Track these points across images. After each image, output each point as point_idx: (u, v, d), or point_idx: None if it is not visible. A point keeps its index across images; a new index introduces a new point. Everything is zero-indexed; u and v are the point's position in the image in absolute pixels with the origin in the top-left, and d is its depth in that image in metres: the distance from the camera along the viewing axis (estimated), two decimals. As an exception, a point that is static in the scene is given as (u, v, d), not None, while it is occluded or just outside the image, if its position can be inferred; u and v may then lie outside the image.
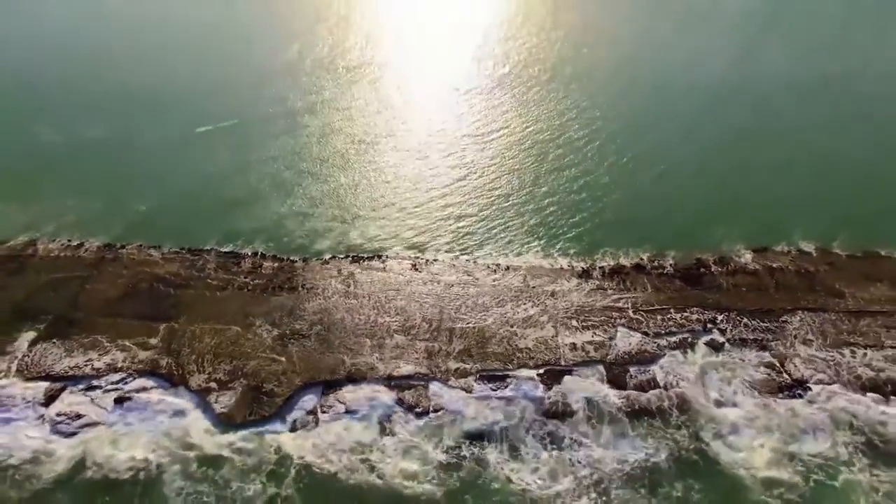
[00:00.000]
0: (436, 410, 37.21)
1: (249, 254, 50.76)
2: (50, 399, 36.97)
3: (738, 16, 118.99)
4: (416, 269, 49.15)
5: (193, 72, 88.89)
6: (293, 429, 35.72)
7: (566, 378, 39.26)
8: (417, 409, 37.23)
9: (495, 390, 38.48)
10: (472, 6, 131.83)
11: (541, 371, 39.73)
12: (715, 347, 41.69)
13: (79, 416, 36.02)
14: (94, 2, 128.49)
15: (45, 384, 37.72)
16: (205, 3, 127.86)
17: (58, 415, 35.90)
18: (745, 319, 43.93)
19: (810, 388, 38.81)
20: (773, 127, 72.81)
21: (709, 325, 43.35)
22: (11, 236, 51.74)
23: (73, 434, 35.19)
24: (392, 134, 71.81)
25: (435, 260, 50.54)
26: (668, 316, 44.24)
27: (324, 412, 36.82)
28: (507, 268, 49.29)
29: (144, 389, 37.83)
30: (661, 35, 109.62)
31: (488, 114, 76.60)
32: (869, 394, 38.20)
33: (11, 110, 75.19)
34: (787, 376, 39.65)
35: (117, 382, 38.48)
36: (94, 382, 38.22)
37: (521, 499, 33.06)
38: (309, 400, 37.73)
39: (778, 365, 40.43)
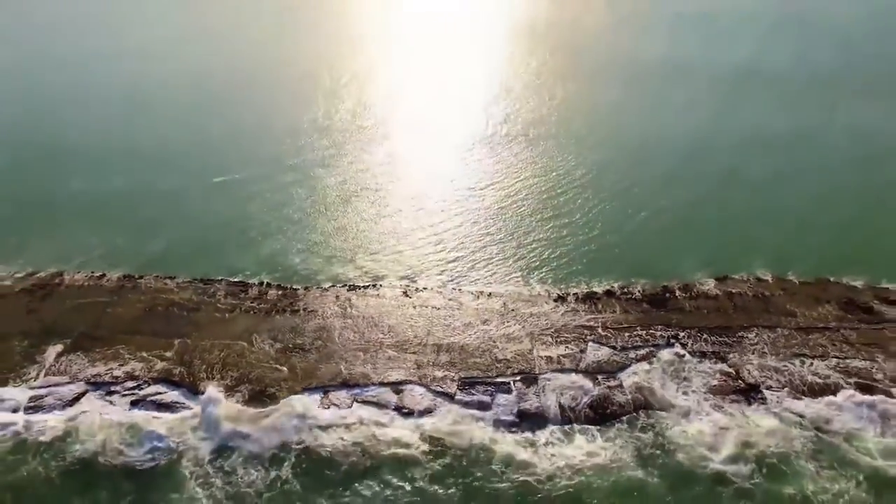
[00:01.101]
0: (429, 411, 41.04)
1: (256, 283, 55.93)
2: (73, 400, 40.95)
3: (713, 78, 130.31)
4: (407, 296, 54.13)
5: (213, 129, 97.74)
6: (293, 425, 39.46)
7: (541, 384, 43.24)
8: (405, 410, 41.10)
9: (474, 394, 42.41)
10: (471, 73, 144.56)
11: (517, 378, 43.79)
12: (677, 359, 45.84)
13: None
14: (120, 67, 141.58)
15: (72, 386, 41.79)
16: (226, 68, 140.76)
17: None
18: (705, 335, 48.35)
19: (763, 392, 42.68)
20: (738, 173, 79.91)
21: (672, 340, 47.73)
22: (41, 268, 57.16)
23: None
24: (393, 184, 78.62)
25: (424, 288, 55.58)
26: (635, 333, 48.72)
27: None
28: (490, 294, 54.23)
29: (158, 394, 41.81)
30: (643, 96, 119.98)
31: (484, 168, 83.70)
32: (815, 396, 42.02)
33: (47, 162, 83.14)
34: (741, 382, 43.63)
35: (133, 388, 42.54)
36: (113, 388, 42.25)
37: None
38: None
39: (734, 373, 44.51)
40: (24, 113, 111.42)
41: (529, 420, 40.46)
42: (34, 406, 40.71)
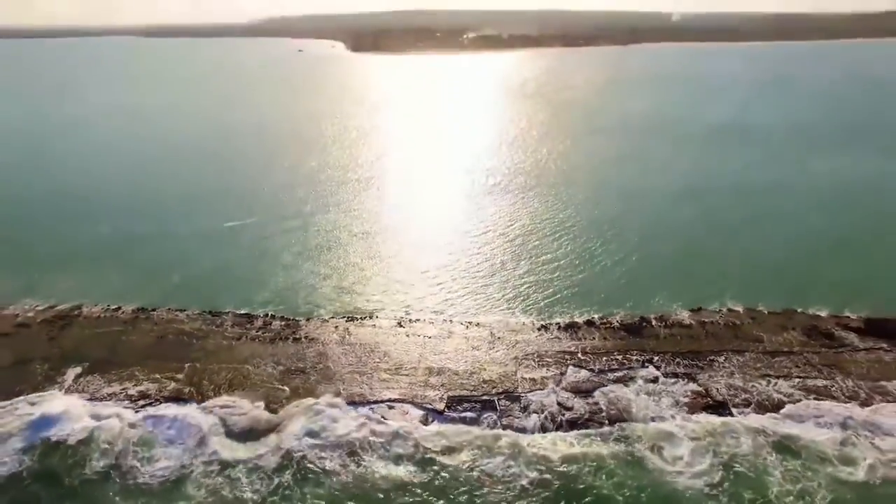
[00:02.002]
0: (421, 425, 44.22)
1: (261, 315, 60.00)
2: (92, 412, 44.30)
3: (695, 134, 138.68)
4: (401, 326, 58.07)
5: (225, 180, 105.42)
6: (293, 437, 42.59)
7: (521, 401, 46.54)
8: (396, 423, 44.25)
9: (461, 410, 45.70)
10: (465, 129, 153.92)
11: (501, 396, 47.14)
12: (651, 380, 49.27)
13: (114, 428, 43.15)
14: (143, 126, 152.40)
15: (90, 403, 45.22)
16: (238, 127, 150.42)
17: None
18: (678, 359, 51.90)
19: (730, 408, 45.87)
20: (715, 217, 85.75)
21: (646, 364, 51.24)
22: (62, 301, 61.55)
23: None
24: (390, 229, 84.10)
25: (418, 319, 59.58)
26: (612, 357, 52.31)
27: (318, 425, 43.94)
28: (478, 324, 58.17)
29: (169, 409, 45.18)
30: (628, 150, 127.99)
31: (478, 214, 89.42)
32: (777, 411, 45.21)
33: (75, 211, 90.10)
34: (710, 399, 46.89)
35: (145, 406, 45.91)
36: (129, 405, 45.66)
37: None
38: (306, 417, 44.87)
39: (704, 391, 47.82)
40: (55, 165, 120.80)
41: (513, 429, 43.55)
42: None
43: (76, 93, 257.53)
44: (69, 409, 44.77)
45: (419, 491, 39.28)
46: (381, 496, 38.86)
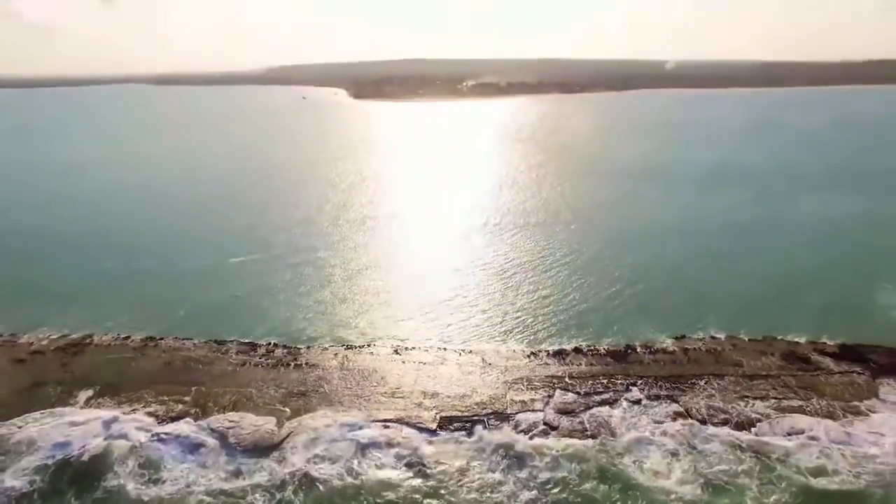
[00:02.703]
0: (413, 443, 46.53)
1: (264, 343, 62.87)
2: (102, 431, 46.72)
3: (686, 176, 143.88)
4: (398, 353, 60.86)
5: (233, 220, 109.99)
6: (293, 453, 44.90)
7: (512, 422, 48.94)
8: (390, 441, 46.60)
9: (452, 429, 48.10)
10: (466, 172, 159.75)
11: (491, 416, 49.57)
12: (634, 401, 51.72)
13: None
14: (153, 168, 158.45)
15: (98, 422, 47.72)
16: (246, 168, 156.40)
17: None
18: (661, 382, 54.42)
19: (710, 426, 48.18)
20: (702, 253, 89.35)
21: (630, 387, 53.76)
22: (74, 331, 64.59)
23: (117, 459, 44.55)
24: (390, 265, 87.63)
25: (414, 347, 62.36)
26: (598, 381, 54.87)
27: (317, 443, 46.29)
28: (471, 351, 60.95)
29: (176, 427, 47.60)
30: (621, 190, 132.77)
31: (475, 251, 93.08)
32: (754, 428, 47.56)
33: (86, 247, 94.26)
34: (691, 419, 49.22)
35: (153, 425, 48.33)
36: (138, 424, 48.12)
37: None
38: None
39: (684, 411, 50.20)
40: (71, 205, 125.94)
41: (500, 445, 45.87)
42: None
43: (89, 137, 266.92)
44: (81, 428, 47.20)
45: (416, 496, 41.43)
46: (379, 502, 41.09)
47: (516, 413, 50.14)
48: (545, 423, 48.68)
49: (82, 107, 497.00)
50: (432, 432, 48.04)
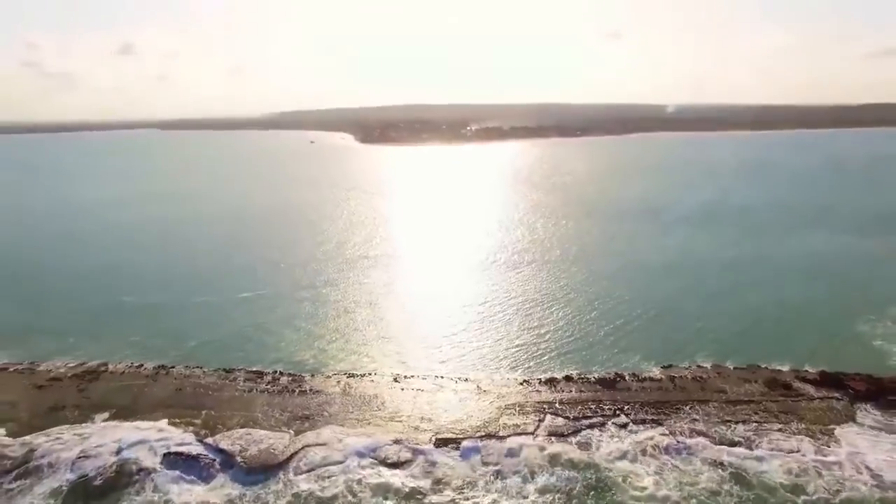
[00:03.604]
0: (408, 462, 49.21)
1: (270, 371, 65.96)
2: (117, 452, 49.58)
3: (682, 216, 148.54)
4: (397, 381, 63.81)
5: (241, 257, 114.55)
6: (297, 472, 47.57)
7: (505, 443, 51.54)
8: (389, 461, 49.27)
9: (446, 449, 50.72)
10: (467, 212, 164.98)
11: (484, 438, 52.21)
12: (621, 425, 54.28)
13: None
14: (165, 207, 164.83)
15: (114, 444, 50.60)
16: (254, 207, 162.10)
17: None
18: (647, 408, 57.03)
19: (692, 447, 50.61)
20: (694, 287, 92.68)
21: (618, 412, 56.39)
22: (89, 360, 68.02)
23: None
24: (390, 301, 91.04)
25: (412, 376, 65.33)
26: (587, 406, 57.53)
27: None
28: (467, 379, 63.83)
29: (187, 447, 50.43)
30: (618, 230, 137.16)
31: (475, 288, 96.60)
32: (735, 449, 49.99)
33: (104, 283, 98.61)
34: (675, 441, 51.69)
35: (165, 445, 51.16)
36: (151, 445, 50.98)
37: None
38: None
39: (669, 434, 52.68)
40: (86, 241, 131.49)
41: (492, 465, 48.40)
42: (83, 459, 49.27)
43: (107, 178, 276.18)
44: (96, 449, 50.09)
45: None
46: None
47: (509, 436, 52.74)
48: (536, 445, 51.18)
49: (101, 151, 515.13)
50: (426, 453, 50.60)
